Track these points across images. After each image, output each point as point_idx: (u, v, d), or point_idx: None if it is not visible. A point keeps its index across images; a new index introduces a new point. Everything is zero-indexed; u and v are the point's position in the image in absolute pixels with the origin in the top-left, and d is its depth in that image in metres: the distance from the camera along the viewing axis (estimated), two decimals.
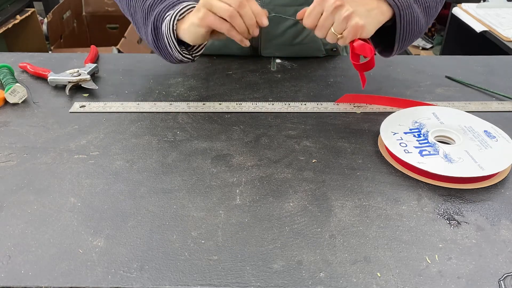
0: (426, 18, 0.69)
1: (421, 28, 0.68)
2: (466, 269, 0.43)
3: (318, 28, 0.62)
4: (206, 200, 0.52)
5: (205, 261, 0.44)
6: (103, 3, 2.40)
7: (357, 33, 0.60)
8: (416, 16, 0.66)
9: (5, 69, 0.76)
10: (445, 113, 0.65)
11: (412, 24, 0.66)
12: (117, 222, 0.49)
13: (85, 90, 0.75)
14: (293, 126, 0.65)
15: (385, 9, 0.64)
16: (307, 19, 0.62)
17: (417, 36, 0.69)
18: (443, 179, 0.54)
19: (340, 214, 0.50)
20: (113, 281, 0.42)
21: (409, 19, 0.65)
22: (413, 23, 0.66)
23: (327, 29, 0.61)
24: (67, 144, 0.62)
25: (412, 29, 0.66)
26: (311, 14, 0.61)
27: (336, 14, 0.59)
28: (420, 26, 0.68)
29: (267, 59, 0.86)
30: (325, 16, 0.60)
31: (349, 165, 0.57)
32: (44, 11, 2.55)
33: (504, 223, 0.49)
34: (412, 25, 0.66)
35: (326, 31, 0.61)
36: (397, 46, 0.68)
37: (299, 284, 0.42)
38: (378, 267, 0.44)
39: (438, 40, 2.42)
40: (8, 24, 1.89)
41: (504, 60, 0.87)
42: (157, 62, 0.85)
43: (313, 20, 0.61)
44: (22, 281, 0.42)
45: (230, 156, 0.59)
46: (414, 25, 0.66)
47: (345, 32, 0.60)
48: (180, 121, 0.67)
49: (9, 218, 0.49)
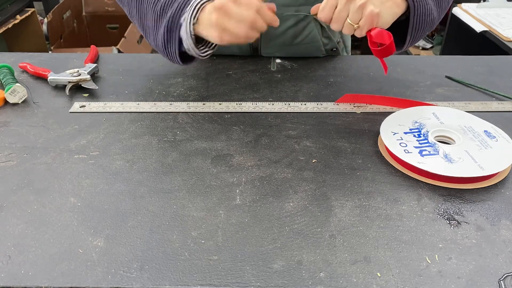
0: (439, 10, 0.69)
1: (433, 20, 0.68)
2: (466, 269, 0.43)
3: (334, 20, 0.62)
4: (206, 200, 0.52)
5: (205, 261, 0.44)
6: (103, 3, 2.40)
7: (373, 21, 0.60)
8: (430, 9, 0.66)
9: (5, 69, 0.76)
10: (445, 113, 0.65)
11: (425, 16, 0.66)
12: (117, 222, 0.49)
13: (85, 90, 0.75)
14: (293, 126, 0.65)
15: (399, 1, 0.64)
16: (322, 13, 0.62)
17: (429, 29, 0.69)
18: (443, 179, 0.54)
19: (340, 214, 0.50)
20: (113, 281, 0.42)
21: (423, 11, 0.65)
22: (426, 15, 0.66)
23: (343, 21, 0.61)
24: (67, 144, 0.62)
25: (425, 21, 0.66)
26: (325, 7, 0.61)
27: (351, 4, 0.59)
28: (433, 19, 0.68)
29: (267, 59, 0.86)
30: (340, 7, 0.60)
31: (349, 165, 0.57)
32: (44, 11, 2.55)
33: (504, 223, 0.49)
34: (425, 17, 0.66)
35: (342, 22, 0.61)
36: (409, 39, 0.68)
37: (299, 284, 0.42)
38: (378, 267, 0.44)
39: (438, 40, 2.42)
40: (8, 24, 1.89)
41: (504, 60, 0.87)
42: (157, 62, 0.85)
43: (328, 13, 0.61)
44: (22, 281, 0.42)
45: (230, 156, 0.59)
46: (427, 17, 0.66)
47: (361, 22, 0.60)
48: (180, 121, 0.67)
49: (9, 218, 0.49)
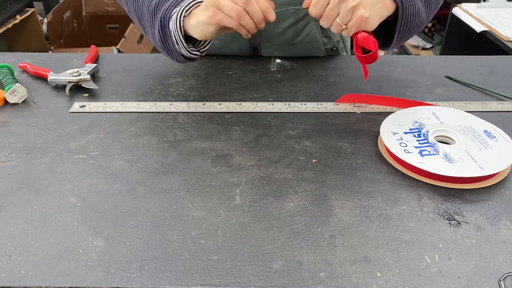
0: (427, 11, 0.69)
1: (421, 21, 0.69)
2: (466, 269, 0.43)
3: (323, 17, 0.62)
4: (206, 200, 0.52)
5: (205, 261, 0.44)
6: (103, 3, 2.40)
7: (361, 25, 0.60)
8: (418, 10, 0.67)
9: (5, 69, 0.76)
10: (445, 113, 0.65)
11: (413, 17, 0.66)
12: (117, 222, 0.49)
13: (85, 90, 0.75)
14: (293, 126, 0.65)
15: (388, 3, 0.64)
16: (313, 8, 0.62)
17: (417, 30, 0.69)
18: (443, 179, 0.54)
19: (340, 214, 0.50)
20: (113, 281, 0.42)
21: (411, 12, 0.66)
22: (415, 16, 0.66)
23: (332, 19, 0.61)
24: (67, 144, 0.62)
25: (413, 22, 0.67)
26: (317, 4, 0.61)
27: (343, 4, 0.59)
28: (421, 20, 0.68)
29: (267, 59, 0.86)
30: (331, 5, 0.60)
31: (349, 165, 0.57)
32: (44, 11, 2.56)
33: (504, 223, 0.49)
34: (413, 17, 0.66)
35: (332, 21, 0.62)
36: (396, 38, 0.68)
37: (299, 284, 0.42)
38: (378, 267, 0.44)
39: (438, 40, 2.42)
40: (8, 24, 1.89)
41: (504, 60, 0.87)
42: (157, 62, 0.85)
43: (319, 10, 0.61)
44: (22, 281, 0.42)
45: (230, 156, 0.59)
46: (415, 18, 0.67)
47: (350, 23, 0.60)
48: (180, 121, 0.67)
49: (9, 218, 0.49)
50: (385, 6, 0.64)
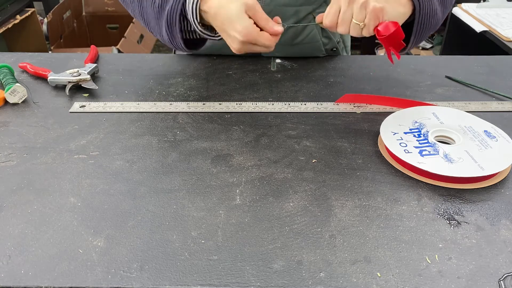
0: (443, 9, 0.69)
1: (438, 20, 0.69)
2: (466, 269, 0.43)
3: (339, 24, 0.62)
4: (206, 200, 0.52)
5: (205, 261, 0.44)
6: (103, 3, 2.40)
7: (378, 16, 0.60)
8: (435, 9, 0.67)
9: (5, 69, 0.76)
10: (445, 113, 0.65)
11: (430, 17, 0.66)
12: (117, 222, 0.49)
13: (85, 90, 0.75)
14: (293, 126, 0.65)
15: (404, 1, 0.64)
16: (327, 19, 0.63)
17: (433, 29, 0.69)
18: (443, 179, 0.54)
19: (340, 214, 0.50)
20: (113, 281, 0.42)
21: (428, 12, 0.66)
22: (431, 15, 0.66)
23: (348, 22, 0.62)
24: (67, 144, 0.62)
25: (429, 21, 0.67)
26: (329, 13, 0.62)
27: (354, 4, 0.60)
28: (437, 19, 0.68)
29: (267, 59, 0.86)
30: (343, 9, 0.61)
31: (349, 165, 0.57)
32: (44, 11, 2.56)
33: (504, 223, 0.49)
34: (430, 17, 0.66)
35: (348, 24, 0.62)
36: (413, 39, 0.68)
37: (299, 284, 0.42)
38: (378, 267, 0.44)
39: (438, 40, 2.42)
40: (8, 24, 1.89)
41: (504, 60, 0.87)
42: (157, 62, 0.85)
43: (333, 17, 0.62)
44: (22, 281, 0.42)
45: (230, 156, 0.59)
46: (432, 17, 0.67)
47: (367, 19, 0.60)
48: (180, 121, 0.67)
49: (9, 218, 0.49)
50: (399, 3, 0.63)
